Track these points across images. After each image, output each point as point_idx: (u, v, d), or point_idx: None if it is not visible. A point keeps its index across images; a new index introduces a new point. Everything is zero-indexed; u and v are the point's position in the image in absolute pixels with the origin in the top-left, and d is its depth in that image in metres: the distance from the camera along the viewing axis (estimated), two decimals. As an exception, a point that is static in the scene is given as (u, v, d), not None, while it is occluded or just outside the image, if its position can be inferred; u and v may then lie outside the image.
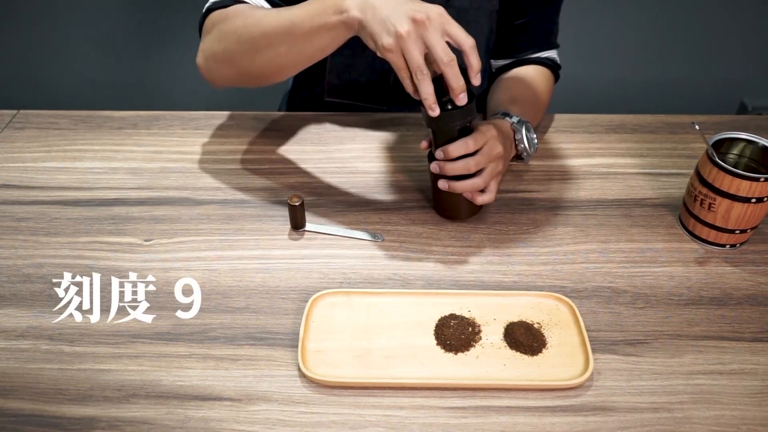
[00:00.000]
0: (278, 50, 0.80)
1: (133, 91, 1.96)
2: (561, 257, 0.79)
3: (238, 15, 0.84)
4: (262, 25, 0.80)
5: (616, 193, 0.90)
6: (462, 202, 0.81)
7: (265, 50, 0.80)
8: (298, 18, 0.76)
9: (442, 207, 0.85)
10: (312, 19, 0.75)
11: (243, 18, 0.83)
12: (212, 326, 0.71)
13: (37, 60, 1.92)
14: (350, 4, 0.72)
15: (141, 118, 1.03)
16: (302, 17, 0.76)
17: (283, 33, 0.78)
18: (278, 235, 0.82)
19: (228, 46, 0.84)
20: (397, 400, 0.63)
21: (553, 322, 0.70)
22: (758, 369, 0.67)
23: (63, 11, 1.81)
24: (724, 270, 0.78)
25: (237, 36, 0.83)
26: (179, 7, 1.81)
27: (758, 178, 0.73)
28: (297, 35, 0.77)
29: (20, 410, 0.63)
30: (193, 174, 0.92)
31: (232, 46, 0.84)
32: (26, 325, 0.71)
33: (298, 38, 0.77)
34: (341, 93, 1.05)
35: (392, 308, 0.72)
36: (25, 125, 1.02)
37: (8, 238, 0.81)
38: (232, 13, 0.85)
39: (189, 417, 0.62)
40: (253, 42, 0.81)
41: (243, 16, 0.83)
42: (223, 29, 0.85)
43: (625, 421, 0.62)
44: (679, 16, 1.81)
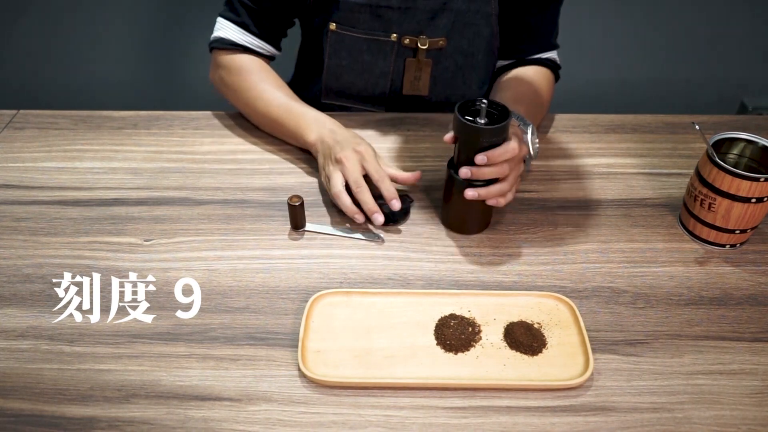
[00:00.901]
0: (269, 128, 0.98)
1: (133, 91, 1.96)
2: (561, 257, 0.79)
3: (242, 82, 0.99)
4: (259, 110, 0.97)
5: (616, 193, 0.90)
6: (477, 214, 0.81)
7: (261, 123, 0.99)
8: (280, 121, 0.94)
9: (458, 221, 0.83)
10: (289, 130, 0.94)
11: (244, 90, 0.98)
12: (212, 326, 0.71)
13: (37, 60, 1.92)
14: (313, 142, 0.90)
15: (141, 118, 1.03)
16: (283, 123, 0.94)
17: (268, 124, 0.97)
18: (278, 235, 0.82)
19: (234, 100, 1.01)
20: (397, 400, 0.63)
21: (553, 322, 0.70)
22: (758, 369, 0.67)
23: (63, 11, 1.81)
24: (724, 270, 0.78)
25: (241, 101, 1.00)
26: (179, 6, 1.81)
27: (758, 178, 0.73)
28: (277, 130, 0.96)
29: (20, 410, 0.63)
30: (193, 174, 0.92)
31: (238, 103, 1.01)
32: (26, 325, 0.71)
33: (277, 132, 0.97)
34: (338, 95, 1.05)
35: (392, 308, 0.72)
36: (25, 125, 1.02)
37: (8, 238, 0.81)
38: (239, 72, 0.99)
39: (189, 417, 0.62)
40: (252, 114, 1.00)
41: (245, 87, 0.98)
42: (230, 85, 1.00)
43: (625, 421, 0.62)
44: (679, 16, 1.81)
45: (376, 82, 1.02)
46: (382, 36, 0.97)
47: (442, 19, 0.96)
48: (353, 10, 0.95)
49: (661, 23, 1.82)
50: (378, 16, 0.95)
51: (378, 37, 0.97)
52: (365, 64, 0.99)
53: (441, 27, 0.96)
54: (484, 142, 0.74)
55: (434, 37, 0.97)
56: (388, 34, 0.97)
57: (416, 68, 1.00)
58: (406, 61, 1.00)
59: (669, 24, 1.82)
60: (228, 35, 0.98)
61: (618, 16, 1.80)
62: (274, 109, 0.95)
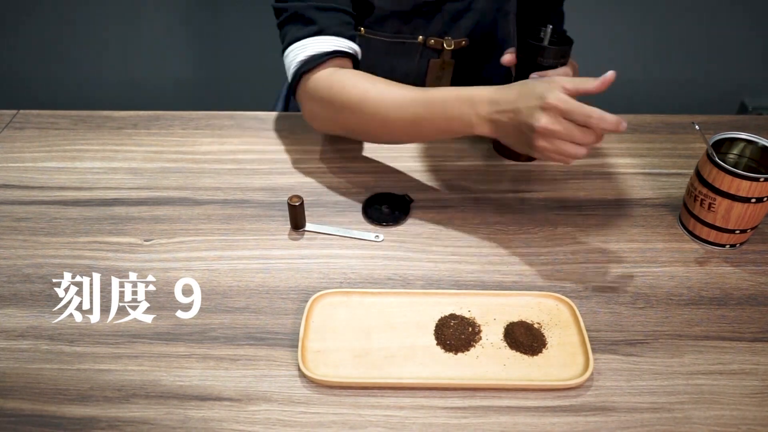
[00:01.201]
0: (401, 138, 0.87)
1: (133, 90, 1.96)
2: (561, 257, 0.79)
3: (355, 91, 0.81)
4: (382, 115, 0.80)
5: (616, 193, 0.90)
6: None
7: (384, 136, 0.85)
8: (422, 119, 0.78)
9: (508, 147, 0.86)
10: (438, 124, 0.77)
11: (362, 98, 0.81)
12: (212, 326, 0.71)
13: (37, 60, 1.92)
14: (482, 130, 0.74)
15: (141, 118, 1.03)
16: (427, 120, 0.78)
17: (406, 129, 0.81)
18: (278, 235, 0.82)
19: (341, 120, 0.85)
20: (397, 400, 0.63)
21: (553, 322, 0.70)
22: (758, 369, 0.67)
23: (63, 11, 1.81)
24: (724, 270, 0.78)
25: (353, 120, 0.83)
26: (179, 6, 1.81)
27: (758, 178, 0.73)
28: (422, 133, 0.83)
29: (20, 410, 0.63)
30: (193, 174, 0.92)
31: (350, 126, 0.86)
32: (26, 325, 0.71)
33: (423, 135, 0.85)
34: None
35: (392, 308, 0.72)
36: (25, 125, 1.02)
37: (8, 238, 0.81)
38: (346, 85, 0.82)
39: (189, 417, 0.62)
40: (373, 130, 0.84)
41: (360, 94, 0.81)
42: (338, 104, 0.83)
43: (625, 421, 0.62)
44: (679, 16, 1.81)
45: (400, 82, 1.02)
46: (408, 38, 0.97)
47: (465, 20, 0.97)
48: (385, 15, 0.95)
49: (662, 23, 1.83)
50: (407, 20, 0.96)
51: (405, 39, 0.97)
52: (390, 65, 1.00)
53: (464, 28, 0.98)
54: (543, 62, 0.80)
55: (457, 38, 0.98)
56: (414, 37, 0.97)
57: (439, 68, 1.01)
58: (431, 62, 1.00)
59: (669, 24, 1.82)
60: (319, 48, 0.84)
61: (618, 16, 1.81)
62: (409, 107, 0.79)
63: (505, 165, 0.94)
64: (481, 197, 0.88)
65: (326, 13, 0.85)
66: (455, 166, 0.94)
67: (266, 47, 1.79)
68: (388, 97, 0.80)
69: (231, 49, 1.89)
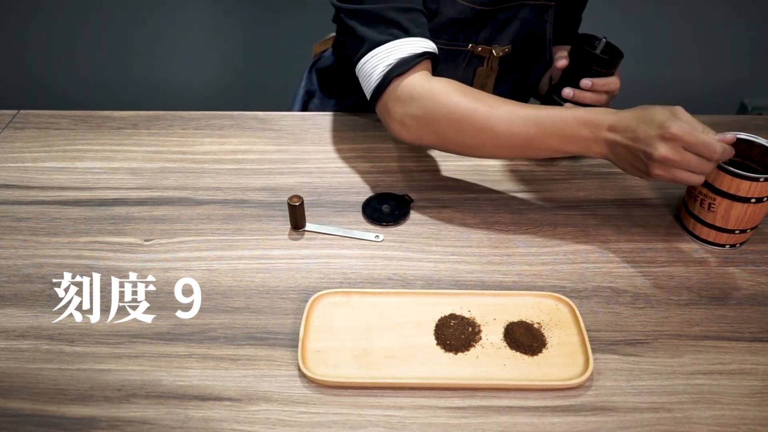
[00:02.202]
0: (504, 153, 0.84)
1: (133, 90, 1.96)
2: (561, 257, 0.79)
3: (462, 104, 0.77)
4: (491, 132, 0.77)
5: (616, 193, 0.90)
6: None
7: (490, 152, 0.81)
8: (536, 139, 0.76)
9: None
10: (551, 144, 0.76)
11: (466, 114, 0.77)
12: (212, 326, 0.71)
13: (37, 60, 1.92)
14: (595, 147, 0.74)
15: (141, 118, 1.03)
16: (541, 139, 0.76)
17: (515, 146, 0.78)
18: (278, 235, 0.82)
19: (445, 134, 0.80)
20: (397, 400, 0.63)
21: (553, 322, 0.70)
22: (758, 369, 0.67)
23: (63, 12, 1.81)
24: (724, 270, 0.78)
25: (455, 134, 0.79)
26: (179, 6, 1.81)
27: (758, 178, 0.73)
28: (529, 152, 0.79)
29: (20, 410, 0.63)
30: (193, 174, 0.92)
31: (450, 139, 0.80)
32: (26, 325, 0.71)
33: (531, 153, 0.81)
34: None
35: (392, 308, 0.72)
36: (25, 125, 1.02)
37: (8, 238, 0.81)
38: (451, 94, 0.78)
39: (189, 417, 0.62)
40: (478, 146, 0.79)
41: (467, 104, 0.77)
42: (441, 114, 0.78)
43: (625, 421, 0.62)
44: (679, 16, 1.81)
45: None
46: (461, 45, 0.97)
47: (511, 28, 0.98)
48: (444, 23, 0.94)
49: (661, 23, 1.83)
50: (463, 28, 0.96)
51: (457, 46, 0.97)
52: (438, 72, 0.99)
53: (509, 35, 0.98)
54: (593, 69, 0.86)
55: (503, 45, 0.99)
56: (466, 44, 0.97)
57: (485, 76, 1.02)
58: (477, 69, 1.01)
59: (669, 24, 1.82)
60: (408, 51, 0.79)
61: (618, 16, 1.80)
62: (521, 128, 0.76)
63: (504, 165, 0.94)
64: (481, 197, 0.88)
65: (408, 14, 0.81)
66: (455, 166, 0.94)
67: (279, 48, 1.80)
68: (499, 114, 0.76)
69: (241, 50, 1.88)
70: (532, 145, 0.77)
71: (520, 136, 0.76)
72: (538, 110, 0.76)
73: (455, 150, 0.83)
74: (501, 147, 0.78)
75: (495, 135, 0.77)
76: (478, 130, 0.77)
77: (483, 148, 0.79)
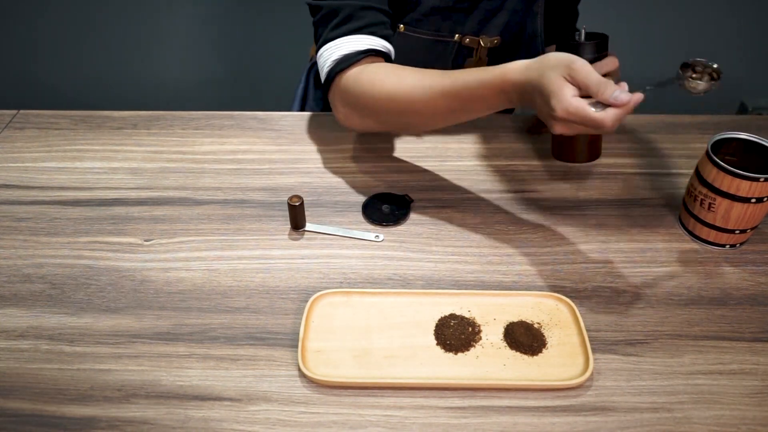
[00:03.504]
0: (431, 122, 0.86)
1: (134, 91, 1.96)
2: (561, 257, 0.79)
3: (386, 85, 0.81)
4: (418, 104, 0.80)
5: (616, 193, 0.90)
6: (585, 140, 0.87)
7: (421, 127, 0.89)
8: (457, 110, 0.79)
9: (567, 148, 0.89)
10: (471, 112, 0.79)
11: (393, 91, 0.81)
12: (212, 326, 0.71)
13: (37, 60, 1.92)
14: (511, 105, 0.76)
15: (141, 118, 1.03)
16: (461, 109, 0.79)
17: (440, 118, 0.82)
18: (278, 235, 0.82)
19: (377, 116, 0.85)
20: (397, 400, 0.63)
21: (553, 322, 0.70)
22: (758, 369, 0.67)
23: (63, 11, 1.81)
24: (724, 270, 0.78)
25: (388, 109, 0.83)
26: (179, 5, 1.81)
27: (758, 178, 0.73)
28: (456, 120, 0.83)
29: (20, 410, 0.63)
30: (193, 174, 0.92)
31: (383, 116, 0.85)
32: (26, 325, 0.71)
33: (458, 120, 0.84)
34: None
35: (392, 308, 0.72)
36: (25, 125, 1.02)
37: (8, 238, 0.81)
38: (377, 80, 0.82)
39: (189, 417, 0.62)
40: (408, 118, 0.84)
41: (392, 88, 0.81)
42: (370, 99, 0.83)
43: (625, 421, 0.62)
44: (678, 15, 1.81)
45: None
46: (447, 36, 0.98)
47: (498, 19, 0.98)
48: (427, 12, 0.95)
49: (661, 23, 1.83)
50: (446, 17, 0.96)
51: (443, 37, 0.98)
52: (425, 63, 0.99)
53: (496, 26, 0.98)
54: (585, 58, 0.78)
55: (491, 36, 0.99)
56: (452, 35, 0.98)
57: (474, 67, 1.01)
58: (467, 60, 1.01)
59: (668, 24, 1.82)
60: (354, 47, 0.84)
61: (617, 16, 1.80)
62: (442, 102, 0.79)
63: (504, 165, 0.94)
64: (481, 197, 0.88)
65: (362, 12, 0.84)
66: (455, 166, 0.94)
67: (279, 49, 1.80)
68: (419, 93, 0.79)
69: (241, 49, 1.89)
70: (456, 115, 0.81)
71: (443, 108, 0.79)
72: (455, 80, 0.77)
73: (399, 131, 0.90)
74: (429, 122, 0.85)
75: (419, 113, 0.81)
76: (402, 112, 0.82)
77: (416, 125, 0.88)
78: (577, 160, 0.91)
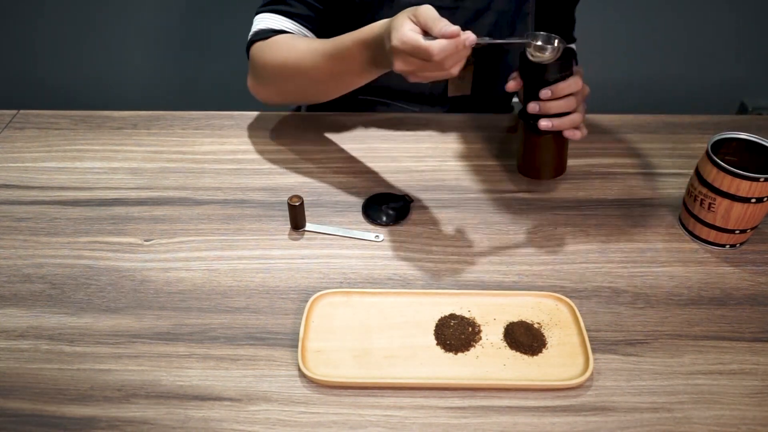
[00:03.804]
0: (328, 91, 0.90)
1: (134, 90, 1.96)
2: (561, 257, 0.79)
3: (281, 52, 0.89)
4: (305, 67, 0.86)
5: (616, 193, 0.90)
6: (550, 157, 0.86)
7: (314, 92, 0.91)
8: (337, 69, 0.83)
9: (531, 164, 0.88)
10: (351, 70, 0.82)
11: (285, 57, 0.88)
12: (212, 326, 0.71)
13: (37, 60, 1.92)
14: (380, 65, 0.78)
15: (141, 118, 1.03)
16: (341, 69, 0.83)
17: (326, 77, 0.86)
18: (278, 235, 0.82)
19: (278, 84, 0.92)
20: (397, 400, 0.63)
21: (553, 322, 0.70)
22: (758, 369, 0.67)
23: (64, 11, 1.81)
24: (724, 270, 0.78)
25: (284, 78, 0.90)
26: (179, 5, 1.81)
27: (758, 178, 0.73)
28: (341, 81, 0.86)
29: (20, 410, 0.63)
30: (193, 174, 0.92)
31: (283, 85, 0.92)
32: (26, 325, 0.71)
33: (343, 82, 0.86)
34: (377, 92, 1.05)
35: (392, 308, 0.72)
36: (25, 125, 1.02)
37: (8, 238, 0.81)
38: (276, 48, 0.90)
39: (189, 417, 0.62)
40: (301, 86, 0.90)
41: (285, 54, 0.88)
42: (269, 68, 0.90)
43: (625, 421, 0.62)
44: (679, 15, 1.81)
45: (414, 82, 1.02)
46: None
47: (485, 19, 0.97)
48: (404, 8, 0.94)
49: (661, 23, 1.83)
50: None
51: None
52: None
53: (484, 26, 0.98)
54: (549, 77, 0.79)
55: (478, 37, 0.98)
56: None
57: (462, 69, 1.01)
58: None
59: (669, 24, 1.82)
60: (269, 24, 0.92)
61: (618, 16, 1.81)
62: (326, 55, 0.83)
63: (504, 165, 0.94)
64: (481, 197, 0.88)
65: (294, 0, 0.93)
66: (455, 166, 0.94)
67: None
68: (307, 55, 0.86)
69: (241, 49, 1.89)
70: (342, 78, 0.85)
71: (326, 71, 0.84)
72: (335, 41, 0.82)
73: (298, 99, 0.96)
74: (321, 87, 0.89)
75: (308, 76, 0.87)
76: (292, 77, 0.88)
77: (311, 91, 0.91)
78: (542, 177, 0.89)
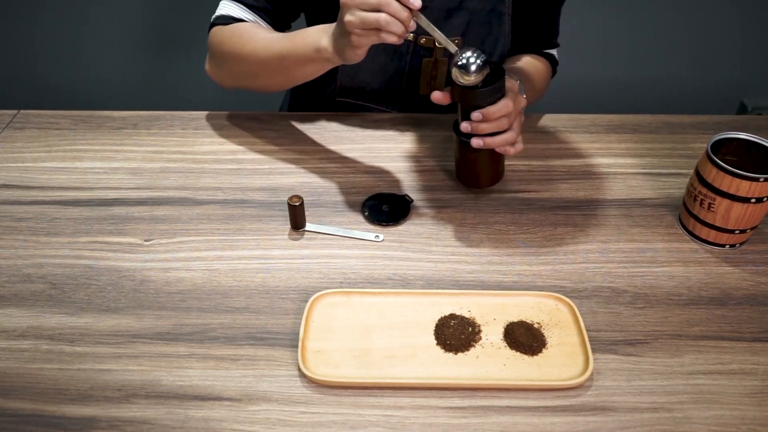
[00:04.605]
0: (274, 76, 0.92)
1: (133, 91, 1.96)
2: (561, 257, 0.79)
3: (237, 39, 0.92)
4: (258, 56, 0.89)
5: (616, 193, 0.90)
6: (486, 168, 0.85)
7: (263, 76, 0.92)
8: (286, 51, 0.86)
9: (468, 174, 0.87)
10: (297, 54, 0.85)
11: (241, 45, 0.91)
12: (212, 326, 0.71)
13: (37, 60, 1.92)
14: (325, 43, 0.80)
15: (141, 118, 1.03)
16: (289, 51, 0.86)
17: (276, 65, 0.88)
18: (278, 235, 0.82)
19: (231, 67, 0.95)
20: (397, 400, 0.63)
21: (553, 322, 0.70)
22: (758, 369, 0.67)
23: (63, 12, 1.81)
24: (724, 270, 0.78)
25: (236, 61, 0.93)
26: (179, 6, 1.81)
27: (758, 178, 0.73)
28: (287, 67, 0.88)
29: (20, 410, 0.63)
30: (193, 174, 0.92)
31: (235, 68, 0.95)
32: (26, 325, 0.71)
33: (289, 69, 0.88)
34: (353, 94, 1.05)
35: (392, 308, 0.72)
36: (25, 125, 1.02)
37: (8, 238, 0.81)
38: (233, 34, 0.93)
39: (189, 417, 0.62)
40: (252, 70, 0.92)
41: (241, 42, 0.91)
42: (225, 51, 0.94)
43: (625, 421, 0.62)
44: (679, 15, 1.81)
45: (391, 81, 1.02)
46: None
47: (457, 18, 0.96)
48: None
49: (662, 23, 1.82)
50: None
51: None
52: (380, 63, 0.99)
53: (456, 26, 0.97)
54: (480, 103, 0.78)
55: (450, 37, 0.97)
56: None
57: (432, 68, 1.01)
58: (423, 61, 1.00)
59: (669, 24, 1.82)
60: (230, 12, 0.95)
61: (618, 16, 1.81)
62: (277, 43, 0.87)
63: (504, 165, 0.94)
64: (481, 197, 0.88)
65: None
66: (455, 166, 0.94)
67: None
68: (263, 40, 0.89)
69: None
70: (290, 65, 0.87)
71: (276, 61, 0.87)
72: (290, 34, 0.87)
73: (250, 85, 0.97)
74: (275, 74, 0.91)
75: (257, 59, 0.89)
76: (242, 60, 0.91)
77: (259, 74, 0.92)
78: (481, 185, 0.87)
